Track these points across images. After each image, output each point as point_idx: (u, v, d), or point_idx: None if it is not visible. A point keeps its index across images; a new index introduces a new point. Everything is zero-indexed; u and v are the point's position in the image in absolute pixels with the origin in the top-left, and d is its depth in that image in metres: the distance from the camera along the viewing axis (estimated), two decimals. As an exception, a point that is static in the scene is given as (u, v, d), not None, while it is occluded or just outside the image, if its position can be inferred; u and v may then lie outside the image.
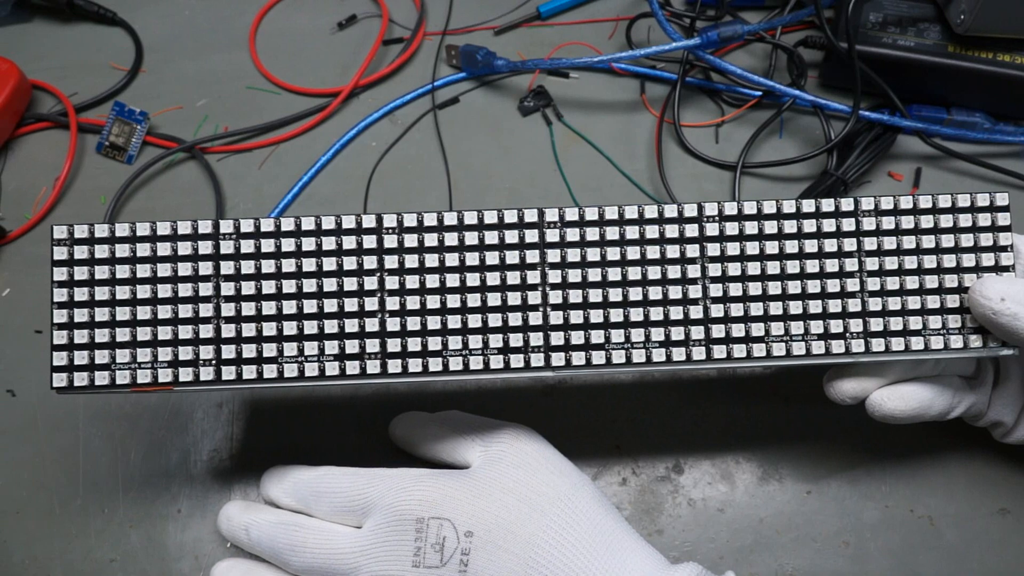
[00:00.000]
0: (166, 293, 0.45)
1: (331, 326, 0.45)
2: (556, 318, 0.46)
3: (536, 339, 0.46)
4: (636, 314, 0.46)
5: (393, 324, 0.45)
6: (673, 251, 0.46)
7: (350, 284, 0.46)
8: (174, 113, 0.72)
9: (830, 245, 0.47)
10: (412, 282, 0.46)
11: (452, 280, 0.46)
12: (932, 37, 0.67)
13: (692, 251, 0.46)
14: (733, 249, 0.46)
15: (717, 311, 0.46)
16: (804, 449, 0.58)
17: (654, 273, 0.46)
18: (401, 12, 0.77)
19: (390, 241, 0.46)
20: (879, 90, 0.67)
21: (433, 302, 0.46)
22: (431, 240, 0.46)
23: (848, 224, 0.47)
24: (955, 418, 0.51)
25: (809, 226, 0.47)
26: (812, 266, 0.46)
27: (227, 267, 0.45)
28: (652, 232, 0.46)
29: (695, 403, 0.59)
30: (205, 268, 0.45)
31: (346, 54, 0.75)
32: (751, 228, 0.47)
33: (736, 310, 0.46)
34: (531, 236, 0.46)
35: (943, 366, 0.50)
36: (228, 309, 0.45)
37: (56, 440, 0.58)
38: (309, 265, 0.46)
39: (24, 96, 0.71)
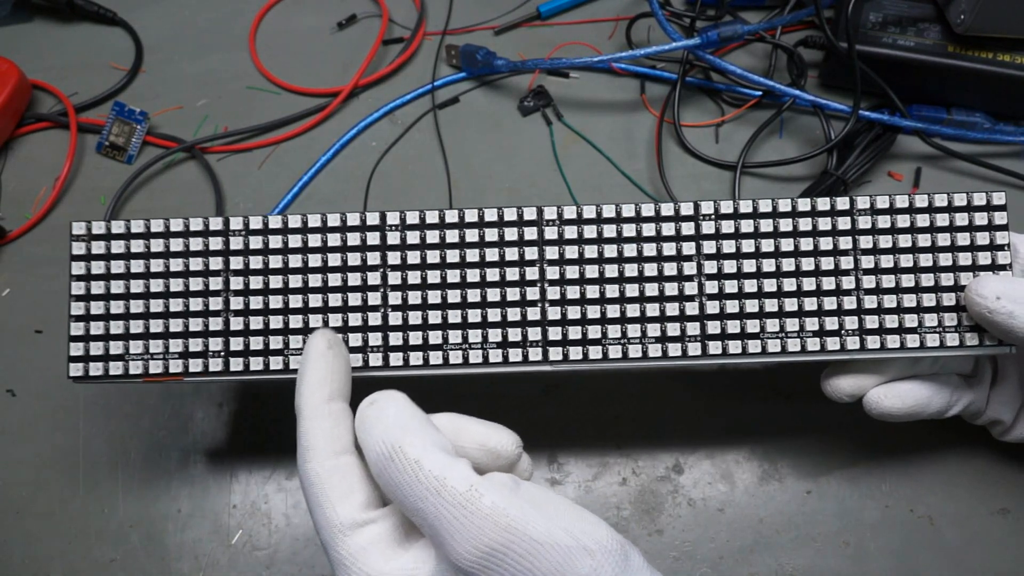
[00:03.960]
0: (177, 287, 0.47)
1: (335, 319, 0.46)
2: (554, 314, 0.46)
3: (534, 334, 0.46)
4: (632, 310, 0.46)
5: (395, 318, 0.46)
6: (669, 248, 0.46)
7: (354, 279, 0.46)
8: (174, 113, 0.72)
9: (826, 243, 0.47)
10: (413, 277, 0.46)
11: (453, 276, 0.46)
12: (932, 37, 0.67)
13: (688, 248, 0.46)
14: (729, 247, 0.47)
15: (713, 308, 0.46)
16: (804, 448, 0.58)
17: (650, 270, 0.46)
18: (401, 12, 0.77)
19: (393, 237, 0.47)
20: (879, 90, 0.67)
21: (434, 297, 0.46)
22: (433, 237, 0.47)
23: (844, 222, 0.47)
24: (954, 416, 0.51)
25: (805, 224, 0.47)
26: (808, 264, 0.47)
27: (236, 262, 0.47)
28: (649, 230, 0.47)
29: (696, 403, 0.59)
30: (215, 263, 0.47)
31: (346, 54, 0.75)
32: (747, 226, 0.47)
33: (732, 307, 0.46)
34: (530, 233, 0.46)
35: (941, 364, 0.50)
36: (236, 303, 0.46)
37: (56, 440, 0.58)
38: (315, 260, 0.47)
39: (24, 96, 0.71)
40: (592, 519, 0.36)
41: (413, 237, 0.47)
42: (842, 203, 0.47)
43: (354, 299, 0.46)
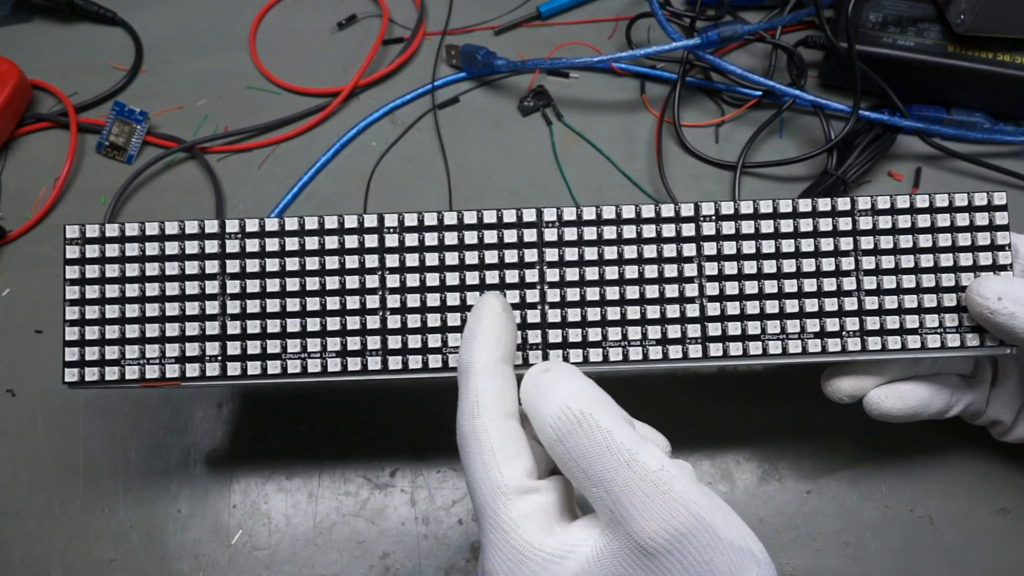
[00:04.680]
0: (174, 291, 0.46)
1: (333, 323, 0.46)
2: (554, 316, 0.46)
3: (534, 336, 0.46)
4: (633, 312, 0.46)
5: (394, 322, 0.46)
6: (670, 250, 0.46)
7: (352, 282, 0.46)
8: (174, 113, 0.72)
9: (827, 244, 0.47)
10: (413, 280, 0.46)
11: (452, 278, 0.46)
12: (932, 37, 0.67)
13: (689, 250, 0.46)
14: (730, 248, 0.46)
15: (713, 309, 0.46)
16: (804, 448, 0.58)
17: (651, 272, 0.46)
18: (401, 12, 0.77)
19: (391, 240, 0.46)
20: (879, 90, 0.67)
21: (433, 300, 0.46)
22: (431, 239, 0.46)
23: (845, 223, 0.47)
24: (954, 417, 0.51)
25: (806, 225, 0.47)
26: (808, 265, 0.46)
27: (232, 266, 0.46)
28: (649, 231, 0.46)
29: (696, 404, 0.59)
30: (211, 267, 0.46)
31: (346, 54, 0.75)
32: (748, 227, 0.47)
33: (732, 308, 0.46)
34: (529, 235, 0.46)
35: (941, 365, 0.50)
36: (233, 307, 0.46)
37: (56, 440, 0.58)
38: (312, 264, 0.46)
39: (24, 96, 0.71)
40: (750, 530, 0.36)
41: (411, 240, 0.46)
42: (843, 204, 0.47)
43: (352, 302, 0.46)
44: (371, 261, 0.46)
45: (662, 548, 0.33)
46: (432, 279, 0.46)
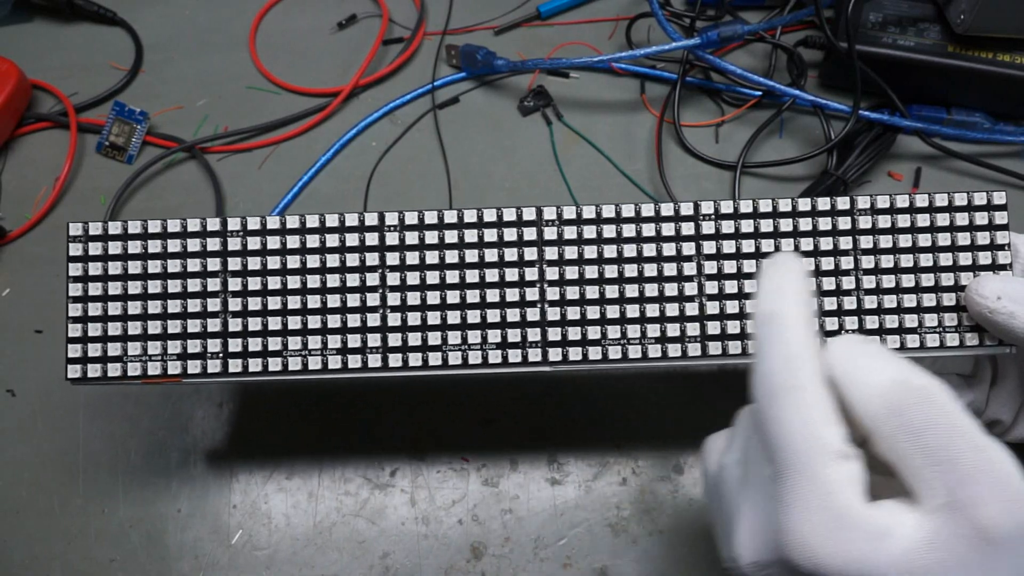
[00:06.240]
0: (175, 288, 0.47)
1: (334, 321, 0.46)
2: (553, 314, 0.46)
3: (534, 335, 0.46)
4: (632, 311, 0.46)
5: (394, 319, 0.46)
6: (669, 249, 0.46)
7: (352, 280, 0.46)
8: (174, 113, 0.72)
9: (826, 243, 0.47)
10: (413, 278, 0.46)
11: (452, 277, 0.46)
12: (932, 37, 0.67)
13: (688, 249, 0.46)
14: (729, 247, 0.47)
15: (713, 308, 0.46)
16: (803, 448, 0.58)
17: (650, 270, 0.46)
18: (401, 12, 0.77)
19: (392, 238, 0.47)
20: (879, 90, 0.67)
21: (433, 298, 0.46)
22: (432, 237, 0.46)
23: (844, 222, 0.47)
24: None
25: (805, 224, 0.47)
26: (807, 264, 0.46)
27: (234, 263, 0.47)
28: (648, 230, 0.46)
29: (695, 403, 0.59)
30: (213, 264, 0.47)
31: (346, 54, 0.75)
32: (747, 226, 0.47)
33: (732, 307, 0.46)
34: (529, 234, 0.46)
35: (940, 364, 0.50)
36: (235, 304, 0.47)
37: (56, 440, 0.59)
38: (313, 261, 0.47)
39: (24, 96, 0.71)
40: None
41: (412, 238, 0.47)
42: (842, 203, 0.47)
43: (353, 300, 0.46)
44: (372, 259, 0.46)
45: (1008, 538, 0.30)
46: (432, 277, 0.46)
